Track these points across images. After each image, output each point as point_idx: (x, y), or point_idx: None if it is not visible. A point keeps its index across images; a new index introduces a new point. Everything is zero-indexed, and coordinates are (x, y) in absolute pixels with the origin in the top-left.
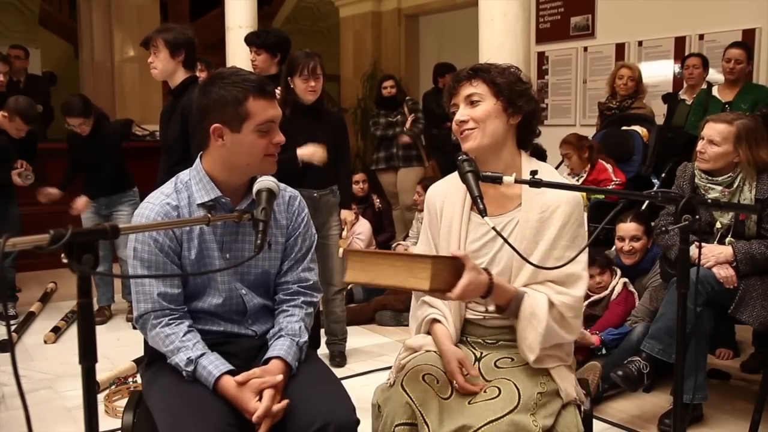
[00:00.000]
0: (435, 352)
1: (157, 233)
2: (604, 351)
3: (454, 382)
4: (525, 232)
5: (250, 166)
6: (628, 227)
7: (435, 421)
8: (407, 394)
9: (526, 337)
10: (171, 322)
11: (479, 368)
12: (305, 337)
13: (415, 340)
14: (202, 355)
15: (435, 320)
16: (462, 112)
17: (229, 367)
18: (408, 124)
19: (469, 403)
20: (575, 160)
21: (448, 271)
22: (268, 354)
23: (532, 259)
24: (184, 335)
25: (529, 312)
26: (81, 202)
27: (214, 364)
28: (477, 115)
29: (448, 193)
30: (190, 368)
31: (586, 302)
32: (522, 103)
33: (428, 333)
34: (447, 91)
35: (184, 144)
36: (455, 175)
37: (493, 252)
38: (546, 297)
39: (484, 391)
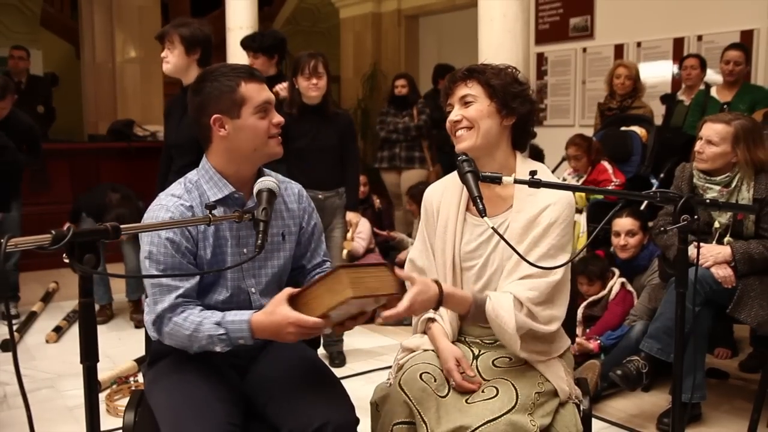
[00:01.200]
0: (432, 351)
1: (174, 234)
2: (603, 356)
3: (452, 380)
4: (514, 233)
5: (257, 150)
6: (623, 222)
7: (433, 419)
8: (405, 393)
9: (501, 338)
10: (184, 310)
11: (477, 367)
12: None
13: (412, 341)
14: (223, 315)
15: (431, 320)
16: (456, 112)
17: (253, 311)
18: (415, 121)
19: (466, 402)
20: (584, 162)
21: (372, 278)
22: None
23: (515, 261)
24: (200, 311)
25: (494, 315)
26: None
27: (239, 314)
28: (470, 115)
29: (444, 193)
30: (221, 331)
31: (584, 303)
32: (516, 104)
33: (425, 332)
34: (443, 92)
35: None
36: (452, 175)
37: (487, 253)
38: (510, 296)
39: (482, 391)
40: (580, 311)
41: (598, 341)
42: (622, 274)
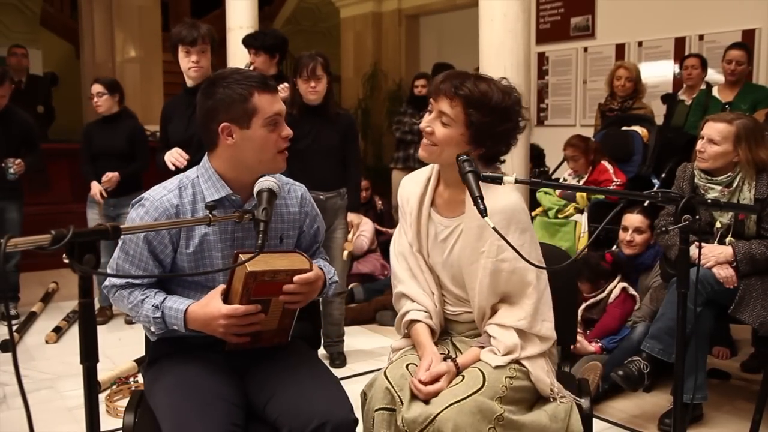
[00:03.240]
0: None
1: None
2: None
3: (416, 375)
4: (468, 239)
5: (262, 162)
6: (633, 218)
7: (406, 404)
8: (388, 379)
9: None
10: (132, 288)
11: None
12: (336, 278)
13: (400, 342)
14: (165, 299)
15: (414, 321)
16: (429, 120)
17: (193, 301)
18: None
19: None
20: (582, 162)
21: (278, 259)
22: None
23: (480, 273)
24: (146, 289)
25: (505, 350)
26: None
27: (179, 302)
28: (438, 136)
29: (413, 186)
30: (158, 314)
31: (583, 305)
32: (489, 144)
33: (407, 335)
34: (434, 88)
35: None
36: (424, 169)
37: (445, 254)
38: (513, 333)
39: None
40: (579, 312)
41: (600, 344)
42: (625, 272)
